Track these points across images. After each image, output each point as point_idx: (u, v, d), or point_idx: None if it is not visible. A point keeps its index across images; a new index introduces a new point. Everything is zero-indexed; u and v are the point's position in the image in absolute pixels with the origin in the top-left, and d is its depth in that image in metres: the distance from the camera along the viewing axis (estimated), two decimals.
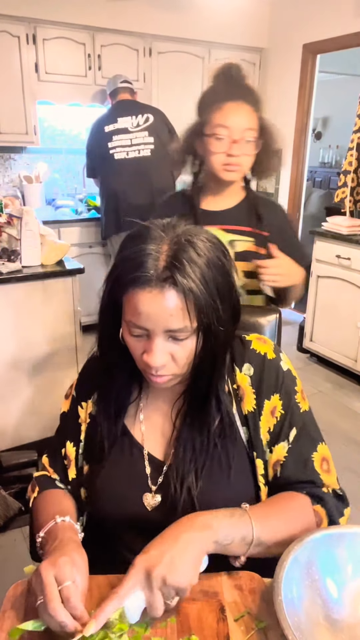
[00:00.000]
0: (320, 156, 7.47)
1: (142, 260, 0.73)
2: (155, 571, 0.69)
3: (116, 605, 0.68)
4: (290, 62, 4.15)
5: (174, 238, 0.75)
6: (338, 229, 3.33)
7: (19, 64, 3.44)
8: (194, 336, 0.77)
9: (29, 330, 2.31)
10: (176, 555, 0.70)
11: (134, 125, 3.34)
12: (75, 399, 0.98)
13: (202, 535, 0.74)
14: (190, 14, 3.91)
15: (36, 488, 0.94)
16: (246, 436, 0.88)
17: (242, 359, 0.90)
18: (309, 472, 0.87)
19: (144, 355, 0.78)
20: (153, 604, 0.69)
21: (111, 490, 0.89)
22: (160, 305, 0.73)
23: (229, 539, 0.75)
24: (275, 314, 1.32)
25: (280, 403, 0.88)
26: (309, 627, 0.68)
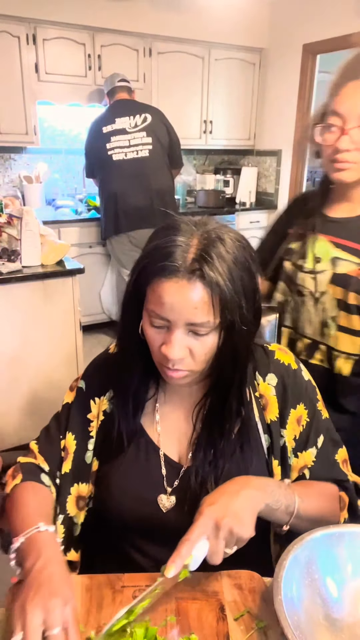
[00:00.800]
0: None
1: (171, 251, 0.73)
2: (224, 521, 0.72)
3: (189, 549, 0.71)
4: (290, 62, 4.15)
5: (204, 233, 0.75)
6: None
7: (19, 64, 3.44)
8: (214, 333, 0.76)
9: (29, 330, 2.31)
10: (240, 508, 0.74)
11: (132, 126, 3.33)
12: (84, 392, 0.95)
13: (258, 494, 0.78)
14: (190, 14, 3.91)
15: (19, 475, 0.89)
16: (267, 444, 0.89)
17: (266, 369, 0.91)
18: (336, 472, 0.93)
19: (162, 347, 0.77)
20: (216, 552, 0.72)
21: (126, 490, 0.88)
22: (185, 297, 0.72)
23: (278, 504, 0.79)
24: (275, 314, 1.32)
25: (306, 412, 0.91)
26: (309, 626, 0.68)
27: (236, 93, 4.41)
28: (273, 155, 4.56)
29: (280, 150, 4.45)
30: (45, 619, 0.64)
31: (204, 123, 4.34)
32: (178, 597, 0.76)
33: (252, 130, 4.63)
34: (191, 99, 4.22)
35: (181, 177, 4.59)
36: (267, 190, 4.69)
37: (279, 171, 4.52)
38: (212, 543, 0.72)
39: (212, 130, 4.40)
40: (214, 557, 0.73)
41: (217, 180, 4.65)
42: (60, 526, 0.90)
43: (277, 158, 4.51)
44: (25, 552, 0.74)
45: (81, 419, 0.94)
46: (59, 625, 0.65)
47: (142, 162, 3.33)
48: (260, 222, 4.60)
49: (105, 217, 3.48)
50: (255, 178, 4.67)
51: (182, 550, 0.70)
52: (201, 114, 4.30)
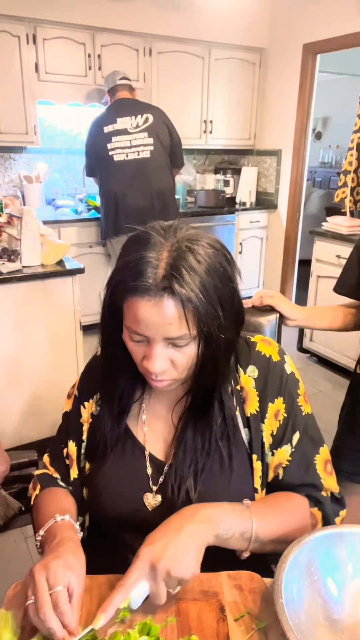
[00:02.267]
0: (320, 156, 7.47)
1: (141, 269, 0.72)
2: (160, 564, 0.70)
3: (123, 597, 0.69)
4: (290, 62, 4.15)
5: (174, 244, 0.74)
6: (338, 229, 3.33)
7: (19, 64, 3.44)
8: (194, 342, 0.77)
9: (29, 330, 2.31)
10: (179, 547, 0.72)
11: (133, 126, 3.32)
12: (77, 399, 0.98)
13: (204, 527, 0.75)
14: (190, 14, 3.91)
15: (37, 486, 0.95)
16: (247, 438, 0.88)
17: (246, 361, 0.90)
18: (310, 475, 0.89)
19: (144, 361, 0.78)
20: (157, 594, 0.71)
21: (112, 489, 0.89)
22: (158, 314, 0.72)
23: (229, 533, 0.76)
24: (275, 314, 1.31)
25: (284, 407, 0.89)
26: (310, 627, 0.68)
27: (236, 93, 4.41)
28: (273, 155, 4.56)
29: (280, 150, 4.45)
30: (47, 578, 0.69)
31: (204, 123, 4.34)
32: (178, 598, 0.76)
33: (252, 130, 4.63)
34: (191, 98, 4.22)
35: (181, 177, 4.59)
36: (267, 190, 4.69)
37: (279, 171, 4.52)
38: (151, 586, 0.71)
39: (212, 130, 4.40)
40: (155, 600, 0.71)
41: (217, 180, 4.65)
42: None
43: (277, 158, 4.51)
44: (45, 541, 0.81)
45: (77, 425, 0.96)
46: (62, 585, 0.69)
47: (143, 163, 3.32)
48: (260, 222, 4.61)
49: (105, 218, 3.47)
50: (255, 178, 4.67)
51: (114, 598, 0.69)
52: (201, 114, 4.30)
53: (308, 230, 3.65)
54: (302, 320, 1.31)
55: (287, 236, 4.53)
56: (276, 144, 4.50)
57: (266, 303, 1.28)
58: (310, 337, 3.65)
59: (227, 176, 4.69)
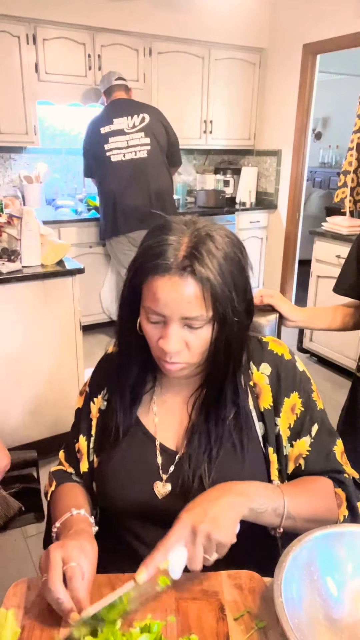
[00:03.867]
0: (320, 156, 7.47)
1: (163, 249, 0.76)
2: (200, 526, 0.72)
3: (163, 555, 0.72)
4: (290, 62, 4.16)
5: (194, 231, 0.78)
6: (338, 229, 3.34)
7: (19, 64, 3.44)
8: (208, 326, 0.79)
9: (29, 330, 2.31)
10: (219, 513, 0.74)
11: (130, 126, 3.32)
12: (88, 395, 1.01)
13: (240, 500, 0.78)
14: (190, 14, 3.91)
15: (53, 482, 0.98)
16: (262, 432, 0.91)
17: (260, 359, 0.93)
18: (332, 462, 0.93)
19: (159, 341, 0.80)
20: (194, 558, 0.73)
21: (122, 479, 0.91)
22: (178, 293, 0.76)
23: (263, 507, 0.79)
24: (275, 314, 1.32)
25: (300, 401, 0.92)
26: (309, 626, 0.68)
27: (236, 93, 4.41)
28: (273, 155, 4.56)
29: (280, 150, 4.45)
30: (63, 556, 0.72)
31: (204, 123, 4.34)
32: (178, 597, 0.76)
33: (252, 130, 4.63)
34: (191, 99, 4.22)
35: (181, 177, 4.60)
36: (267, 190, 4.69)
37: (279, 171, 4.52)
38: (189, 549, 0.73)
39: (212, 130, 4.40)
40: (192, 564, 0.73)
41: (217, 180, 4.65)
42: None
43: (277, 158, 4.51)
44: (60, 532, 0.83)
45: (87, 421, 0.99)
46: (75, 562, 0.71)
47: (140, 163, 3.32)
48: (260, 222, 4.61)
49: (104, 218, 3.48)
50: (255, 178, 4.67)
51: (155, 555, 0.71)
52: (201, 114, 4.30)
53: (308, 231, 3.65)
54: (302, 321, 1.32)
55: (287, 236, 4.53)
56: (276, 144, 4.50)
57: (266, 302, 1.29)
58: (310, 337, 3.65)
59: (227, 176, 4.69)
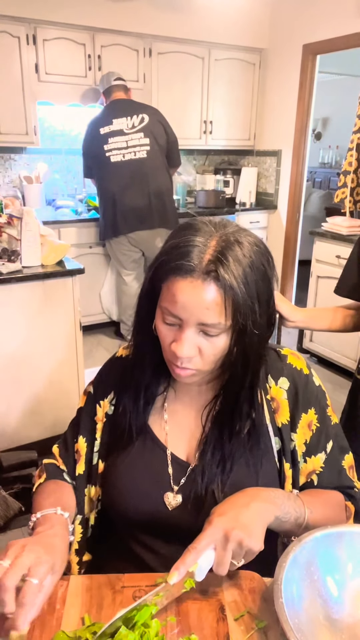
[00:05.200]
0: (320, 156, 7.47)
1: (188, 250, 0.73)
2: (233, 532, 0.71)
3: (195, 558, 0.71)
4: (290, 62, 4.16)
5: (223, 235, 0.75)
6: (338, 229, 3.34)
7: (19, 64, 3.44)
8: (226, 334, 0.77)
9: (29, 331, 2.31)
10: (250, 520, 0.74)
11: (129, 127, 3.32)
12: (92, 396, 0.98)
13: (268, 507, 0.77)
14: (190, 14, 3.91)
15: (43, 475, 0.95)
16: (278, 447, 0.89)
17: (278, 373, 0.91)
18: (343, 479, 0.93)
19: (172, 344, 0.78)
20: (222, 562, 0.72)
21: (132, 487, 0.89)
22: (198, 297, 0.73)
23: (287, 517, 0.79)
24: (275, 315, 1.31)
25: (316, 417, 0.91)
26: (310, 627, 0.68)
27: (236, 93, 4.41)
28: (273, 155, 4.56)
29: (280, 150, 4.45)
30: (32, 566, 0.68)
31: (204, 123, 4.34)
32: (178, 598, 0.76)
33: (252, 130, 4.63)
34: (191, 99, 4.22)
35: (181, 178, 4.59)
36: (267, 190, 4.69)
37: (279, 171, 4.52)
38: (219, 554, 0.72)
39: (212, 131, 4.40)
40: (219, 568, 0.73)
41: (217, 180, 4.65)
42: (78, 526, 0.93)
43: (277, 158, 4.51)
44: (39, 523, 0.81)
45: (90, 422, 0.97)
46: (39, 579, 0.67)
47: (140, 163, 3.32)
48: (260, 222, 4.61)
49: (103, 219, 3.48)
50: (255, 178, 4.67)
51: (187, 558, 0.70)
52: (201, 114, 4.31)
53: (308, 231, 3.65)
54: (302, 321, 1.31)
55: (287, 236, 4.54)
56: (276, 144, 4.50)
57: None
58: (311, 337, 3.65)
59: (227, 176, 4.69)
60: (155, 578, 0.78)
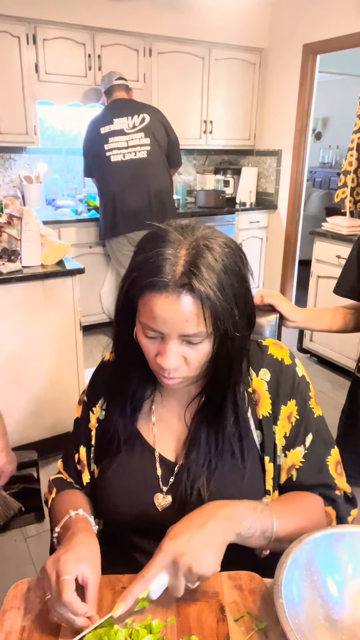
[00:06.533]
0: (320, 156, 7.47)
1: (159, 265, 0.72)
2: (182, 559, 0.70)
3: (143, 588, 0.70)
4: (290, 62, 4.16)
5: (192, 242, 0.74)
6: (338, 229, 3.33)
7: (19, 64, 3.44)
8: (208, 340, 0.77)
9: (29, 331, 2.31)
10: (202, 544, 0.72)
11: (130, 127, 3.32)
12: (86, 404, 0.99)
13: (226, 526, 0.75)
14: (190, 14, 3.91)
15: (54, 489, 0.96)
16: (259, 440, 0.89)
17: (259, 364, 0.90)
18: (324, 476, 0.90)
19: (157, 358, 0.78)
20: (176, 587, 0.72)
21: (122, 491, 0.90)
22: (176, 311, 0.73)
23: (251, 532, 0.76)
24: (275, 315, 1.31)
25: (296, 409, 0.90)
26: (310, 627, 0.68)
27: (236, 93, 4.41)
28: (273, 155, 4.56)
29: (280, 150, 4.45)
30: (57, 571, 0.70)
31: (204, 123, 4.34)
32: (178, 599, 0.76)
33: (252, 130, 4.63)
34: (191, 99, 4.22)
35: (181, 177, 4.60)
36: (267, 190, 4.69)
37: (279, 171, 4.52)
38: (171, 579, 0.71)
39: (212, 130, 4.40)
40: (174, 591, 0.72)
41: (217, 180, 4.65)
42: None
43: (277, 158, 4.51)
44: (61, 537, 0.82)
45: (87, 431, 0.97)
46: (70, 574, 0.69)
47: (140, 163, 3.32)
48: (260, 222, 4.61)
49: (103, 219, 3.47)
50: (255, 178, 4.67)
51: (134, 588, 0.70)
52: (201, 114, 4.30)
53: (308, 231, 3.65)
54: (302, 321, 1.31)
55: (287, 236, 4.53)
56: (276, 144, 4.50)
57: (267, 302, 1.28)
58: (311, 337, 3.65)
59: (227, 176, 4.69)
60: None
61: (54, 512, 0.91)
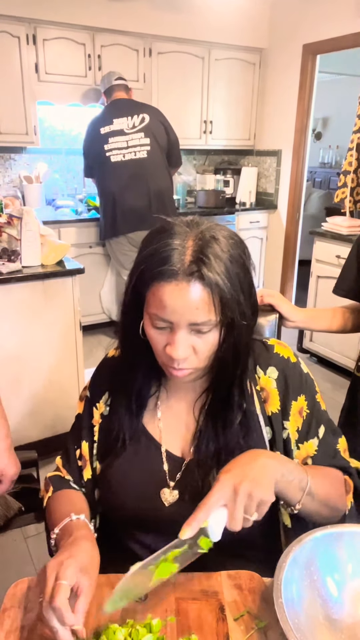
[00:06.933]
0: (320, 156, 7.48)
1: (168, 255, 0.74)
2: (242, 485, 0.71)
3: (206, 513, 0.71)
4: (290, 62, 4.16)
5: (198, 234, 0.76)
6: (338, 229, 3.34)
7: (19, 64, 3.44)
8: (216, 330, 0.78)
9: (29, 331, 2.31)
10: (258, 473, 0.74)
11: (130, 127, 3.32)
12: (89, 400, 0.99)
13: (274, 463, 0.77)
14: (190, 14, 3.91)
15: (50, 487, 0.95)
16: (269, 436, 0.90)
17: (266, 363, 0.92)
18: (338, 460, 0.94)
19: (166, 348, 0.79)
20: (235, 517, 0.71)
21: (128, 487, 0.90)
22: (186, 299, 0.74)
23: (292, 476, 0.78)
24: (275, 315, 1.32)
25: (306, 404, 0.92)
26: (309, 627, 0.68)
27: (236, 93, 4.41)
28: (273, 155, 4.56)
29: (280, 150, 4.45)
30: (57, 573, 0.69)
31: (203, 123, 4.34)
32: (178, 597, 0.76)
33: (252, 130, 4.63)
34: (191, 99, 4.22)
35: (181, 177, 4.60)
36: (267, 190, 4.69)
37: (279, 171, 4.52)
38: (230, 508, 0.72)
39: (212, 131, 4.40)
40: (232, 523, 0.72)
41: (217, 180, 4.65)
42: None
43: (277, 158, 4.51)
44: (59, 538, 0.81)
45: (89, 427, 0.97)
46: (68, 581, 0.68)
47: (140, 163, 3.32)
48: (260, 222, 4.61)
49: (103, 219, 3.47)
50: (255, 178, 4.67)
51: (198, 513, 0.70)
52: (201, 114, 4.31)
53: (308, 231, 3.65)
54: (302, 322, 1.32)
55: (287, 236, 4.54)
56: (276, 144, 4.50)
57: (267, 302, 1.28)
58: (310, 337, 3.65)
59: (227, 176, 4.69)
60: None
61: (51, 511, 0.90)
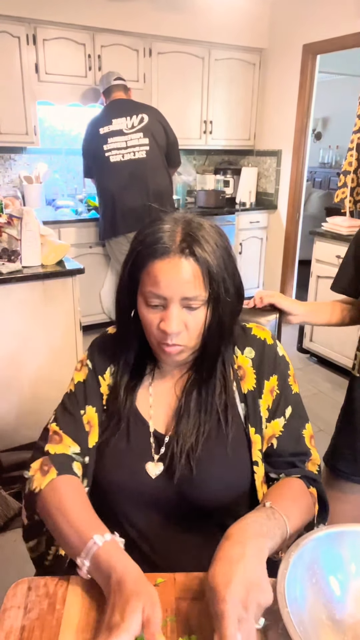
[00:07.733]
0: (320, 156, 7.48)
1: (160, 235, 0.82)
2: (249, 599, 0.65)
3: None
4: (290, 62, 4.16)
5: (186, 221, 0.85)
6: (338, 229, 3.33)
7: (19, 64, 3.44)
8: (204, 307, 0.85)
9: (29, 330, 2.31)
10: (255, 574, 0.67)
11: (129, 127, 3.32)
12: (93, 370, 1.00)
13: (261, 544, 0.72)
14: (190, 14, 3.91)
15: (52, 468, 0.87)
16: (244, 412, 0.95)
17: (243, 344, 0.98)
18: (301, 445, 0.97)
19: (160, 324, 0.85)
20: (250, 632, 0.64)
21: (116, 461, 0.93)
22: (179, 273, 0.81)
23: (275, 540, 0.75)
24: (275, 314, 1.32)
25: (277, 383, 0.97)
26: (312, 626, 0.68)
27: (236, 93, 4.41)
28: (273, 155, 4.56)
29: (280, 150, 4.45)
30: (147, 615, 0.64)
31: (203, 123, 4.34)
32: (178, 597, 0.76)
33: (252, 130, 4.63)
34: (191, 99, 4.22)
35: (181, 177, 4.59)
36: (267, 190, 4.69)
37: (279, 171, 4.52)
38: (243, 627, 0.63)
39: (212, 131, 4.40)
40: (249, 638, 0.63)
41: (217, 180, 4.65)
42: None
43: (277, 158, 4.51)
44: (95, 572, 0.74)
45: (97, 393, 0.99)
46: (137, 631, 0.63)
47: (139, 163, 3.32)
48: (260, 222, 4.61)
49: (103, 219, 3.47)
50: (255, 178, 4.67)
51: None
52: (201, 114, 4.31)
53: (308, 231, 3.65)
54: (304, 315, 1.33)
55: (287, 236, 4.53)
56: (276, 144, 4.50)
57: (267, 302, 1.29)
58: (310, 337, 3.65)
59: (227, 176, 4.69)
60: (156, 578, 0.78)
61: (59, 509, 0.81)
